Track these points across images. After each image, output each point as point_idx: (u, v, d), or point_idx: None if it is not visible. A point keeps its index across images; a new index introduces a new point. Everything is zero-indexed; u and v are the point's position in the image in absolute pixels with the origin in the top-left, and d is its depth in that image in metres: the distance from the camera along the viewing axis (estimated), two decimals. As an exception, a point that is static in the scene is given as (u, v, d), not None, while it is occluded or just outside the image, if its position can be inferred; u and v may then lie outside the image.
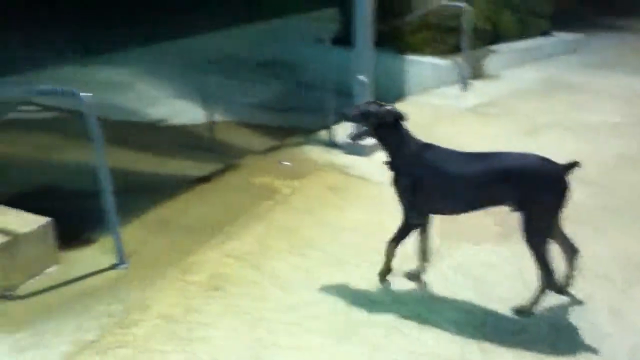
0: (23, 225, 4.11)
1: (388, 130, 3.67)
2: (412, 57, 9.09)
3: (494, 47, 10.30)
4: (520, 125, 7.19)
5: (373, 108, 3.71)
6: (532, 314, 3.60)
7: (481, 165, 3.50)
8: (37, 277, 4.11)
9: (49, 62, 10.09)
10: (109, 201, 4.10)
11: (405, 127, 3.70)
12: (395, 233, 3.80)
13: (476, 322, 3.58)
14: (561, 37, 11.75)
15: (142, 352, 3.36)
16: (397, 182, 3.69)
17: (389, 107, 3.70)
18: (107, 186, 4.07)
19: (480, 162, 3.52)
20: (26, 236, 4.05)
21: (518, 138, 6.71)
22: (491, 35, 10.35)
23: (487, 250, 4.38)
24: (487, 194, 3.49)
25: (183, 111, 8.19)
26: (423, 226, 3.83)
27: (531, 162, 3.44)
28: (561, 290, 3.75)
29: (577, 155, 3.57)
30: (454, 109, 7.95)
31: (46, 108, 7.79)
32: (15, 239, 3.99)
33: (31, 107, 7.55)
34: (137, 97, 8.89)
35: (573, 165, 3.37)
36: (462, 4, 8.59)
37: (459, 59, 8.94)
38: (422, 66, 8.99)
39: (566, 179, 3.37)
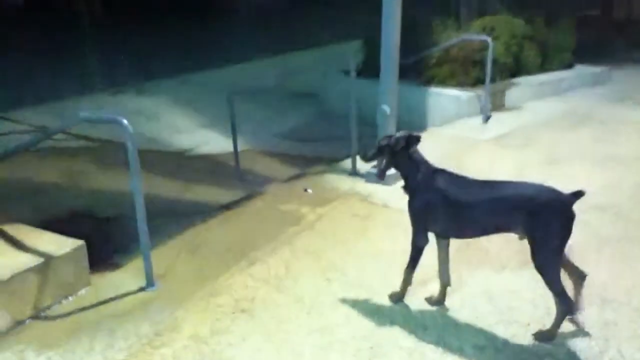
0: (57, 248, 4.24)
1: (401, 156, 3.83)
2: (434, 89, 9.25)
3: (516, 79, 10.42)
4: (540, 157, 7.23)
5: (385, 141, 3.90)
6: (553, 339, 3.63)
7: (489, 192, 3.61)
8: (69, 299, 4.22)
9: (78, 92, 10.40)
10: (142, 225, 4.23)
11: (418, 153, 3.84)
12: (408, 260, 3.93)
13: (498, 347, 3.61)
14: (583, 70, 11.79)
15: (171, 371, 3.46)
16: (410, 205, 3.84)
17: (399, 135, 3.84)
18: (141, 211, 4.20)
19: (488, 189, 3.64)
20: (60, 258, 4.17)
21: (538, 169, 6.75)
22: (513, 68, 10.48)
23: (508, 276, 4.43)
24: (494, 221, 3.59)
25: (210, 140, 8.36)
26: (442, 250, 3.92)
27: (537, 192, 3.52)
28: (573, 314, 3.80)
29: (599, 187, 3.62)
30: (474, 140, 8.03)
31: (77, 137, 8.01)
32: (50, 261, 4.11)
33: (64, 136, 7.76)
34: (165, 126, 9.09)
35: (578, 194, 3.44)
36: (485, 38, 8.74)
37: (480, 91, 9.06)
38: (444, 98, 9.14)
39: (571, 207, 3.44)
